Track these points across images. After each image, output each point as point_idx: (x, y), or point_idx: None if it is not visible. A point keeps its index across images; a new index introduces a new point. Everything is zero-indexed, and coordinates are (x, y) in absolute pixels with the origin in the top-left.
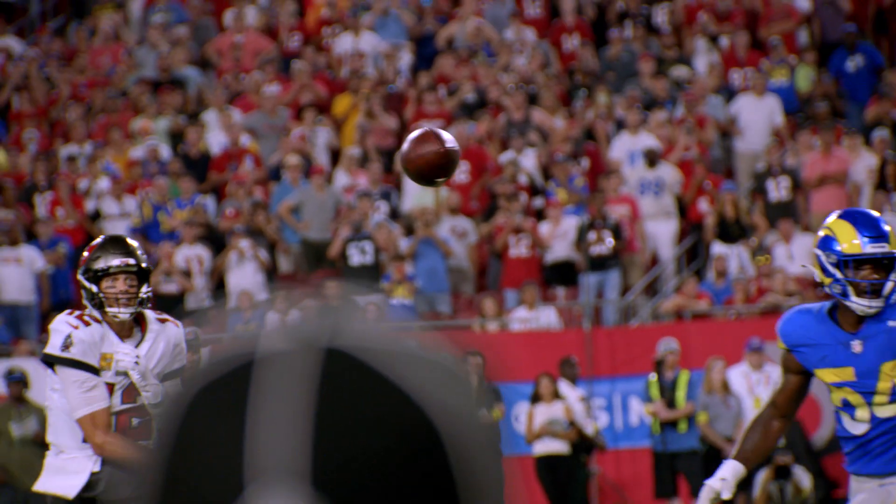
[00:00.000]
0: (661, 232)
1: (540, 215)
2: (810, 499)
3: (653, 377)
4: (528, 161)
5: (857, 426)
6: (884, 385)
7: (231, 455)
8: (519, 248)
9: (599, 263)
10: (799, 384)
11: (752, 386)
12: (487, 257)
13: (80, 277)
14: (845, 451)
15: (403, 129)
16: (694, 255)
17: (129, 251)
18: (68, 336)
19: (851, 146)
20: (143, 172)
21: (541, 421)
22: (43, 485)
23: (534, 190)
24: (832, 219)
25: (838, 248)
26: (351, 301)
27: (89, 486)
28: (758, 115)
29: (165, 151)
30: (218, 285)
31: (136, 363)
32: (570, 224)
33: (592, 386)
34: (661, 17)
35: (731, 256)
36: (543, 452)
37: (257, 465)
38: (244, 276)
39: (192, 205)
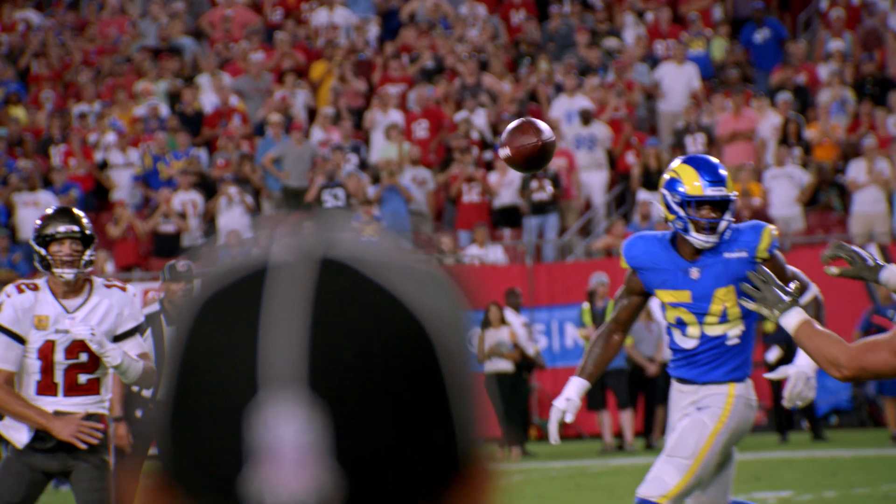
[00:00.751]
0: (594, 181)
1: (489, 166)
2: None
3: (586, 306)
4: (480, 119)
5: (688, 341)
6: (715, 307)
7: (243, 359)
8: (471, 195)
9: (540, 208)
10: (640, 303)
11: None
12: (444, 202)
13: (31, 242)
14: (672, 360)
15: (371, 92)
16: (622, 202)
17: (74, 220)
18: (1, 304)
19: (759, 107)
20: (144, 128)
21: (489, 343)
22: (3, 428)
23: (484, 144)
24: (678, 163)
25: (682, 189)
26: (341, 220)
27: (40, 438)
28: (678, 81)
29: (164, 110)
30: (209, 226)
31: (92, 335)
32: (515, 174)
33: (533, 313)
34: None
35: (656, 201)
36: (491, 370)
37: (267, 369)
38: (232, 217)
39: (187, 156)
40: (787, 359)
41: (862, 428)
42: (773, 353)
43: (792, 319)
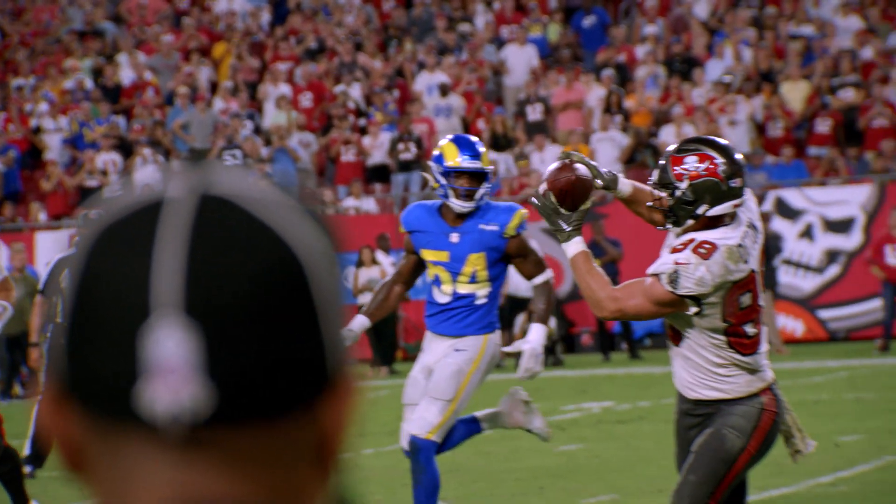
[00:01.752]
0: None
1: (363, 131)
2: (555, 335)
3: None
4: (355, 92)
5: (443, 297)
6: (468, 269)
7: (135, 284)
8: (348, 155)
9: (406, 166)
10: (415, 261)
11: None
12: (325, 162)
13: None
14: (429, 314)
15: (264, 68)
16: None
17: None
18: None
19: (586, 82)
20: (72, 98)
21: (363, 280)
22: None
23: (359, 113)
24: (444, 141)
25: (445, 162)
26: (220, 162)
27: None
28: (520, 59)
29: (89, 83)
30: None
31: None
32: (385, 137)
33: (401, 254)
34: None
35: (501, 161)
36: (365, 303)
37: (155, 294)
38: (147, 174)
39: (108, 122)
40: None
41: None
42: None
43: (571, 248)
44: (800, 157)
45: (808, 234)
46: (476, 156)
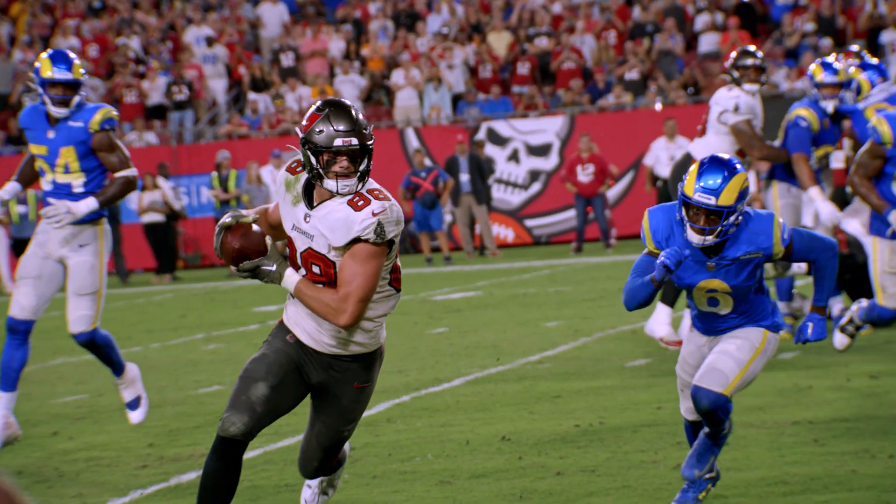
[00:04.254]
0: (217, 86)
1: (143, 77)
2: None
3: (214, 174)
4: (135, 43)
5: (46, 185)
6: (61, 161)
7: None
8: (130, 97)
9: (180, 105)
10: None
11: (275, 178)
12: (111, 102)
13: None
14: (44, 200)
15: (55, 24)
16: (237, 100)
17: None
18: None
19: (329, 33)
20: None
21: (147, 202)
22: None
23: (138, 61)
24: (43, 56)
25: (41, 74)
26: None
27: None
28: (273, 15)
29: None
30: None
31: None
32: (161, 81)
33: (179, 180)
34: None
35: (260, 101)
36: (148, 222)
37: None
38: None
39: None
40: None
41: (406, 254)
42: None
43: (290, 281)
44: (506, 94)
45: (514, 157)
46: (68, 68)
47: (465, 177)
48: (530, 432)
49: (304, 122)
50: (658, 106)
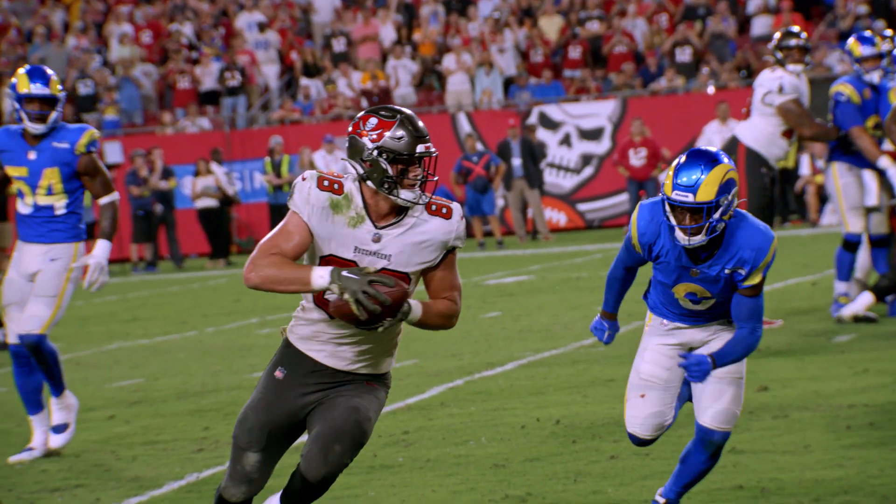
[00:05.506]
0: (270, 72)
1: (195, 62)
2: None
3: (267, 159)
4: (188, 29)
5: (25, 208)
6: (44, 183)
7: None
8: (183, 83)
9: (233, 91)
10: (2, 176)
11: (328, 163)
12: (164, 88)
13: None
14: (18, 223)
15: (109, 10)
16: (289, 86)
17: None
18: None
19: (381, 18)
20: None
21: (200, 187)
22: None
23: (191, 47)
24: (19, 72)
25: (18, 90)
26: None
27: None
28: (325, 0)
29: None
30: None
31: None
32: (214, 67)
33: (232, 165)
34: None
35: (312, 86)
36: (202, 207)
37: None
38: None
39: None
40: None
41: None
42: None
43: (418, 310)
44: (557, 78)
45: (566, 141)
46: (45, 84)
47: (517, 161)
48: (584, 416)
49: (366, 130)
50: (710, 89)
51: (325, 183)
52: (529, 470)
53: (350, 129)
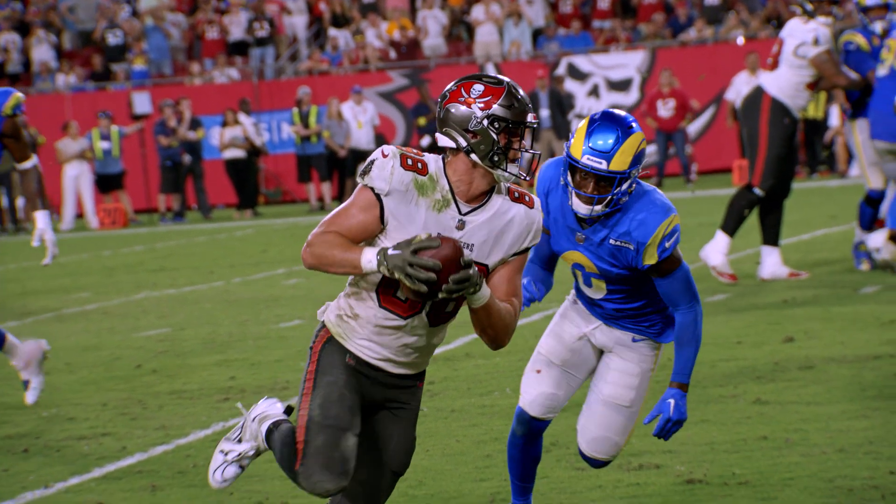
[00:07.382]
0: (297, 22)
1: (224, 13)
2: None
3: (295, 110)
4: None
5: None
6: None
7: None
8: (212, 33)
9: (261, 42)
10: None
11: (356, 114)
12: (193, 39)
13: None
14: None
15: None
16: (318, 36)
17: None
18: None
19: None
20: None
21: (228, 138)
22: None
23: None
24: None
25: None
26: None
27: None
28: None
29: None
30: (25, 57)
31: None
32: (243, 17)
33: (260, 116)
34: None
35: (341, 37)
36: (230, 157)
37: None
38: (42, 51)
39: (8, 7)
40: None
41: None
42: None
43: (486, 291)
44: (586, 29)
45: (595, 92)
46: None
47: (545, 112)
48: None
49: (473, 97)
50: (740, 40)
51: (409, 161)
52: (554, 419)
53: (447, 97)
